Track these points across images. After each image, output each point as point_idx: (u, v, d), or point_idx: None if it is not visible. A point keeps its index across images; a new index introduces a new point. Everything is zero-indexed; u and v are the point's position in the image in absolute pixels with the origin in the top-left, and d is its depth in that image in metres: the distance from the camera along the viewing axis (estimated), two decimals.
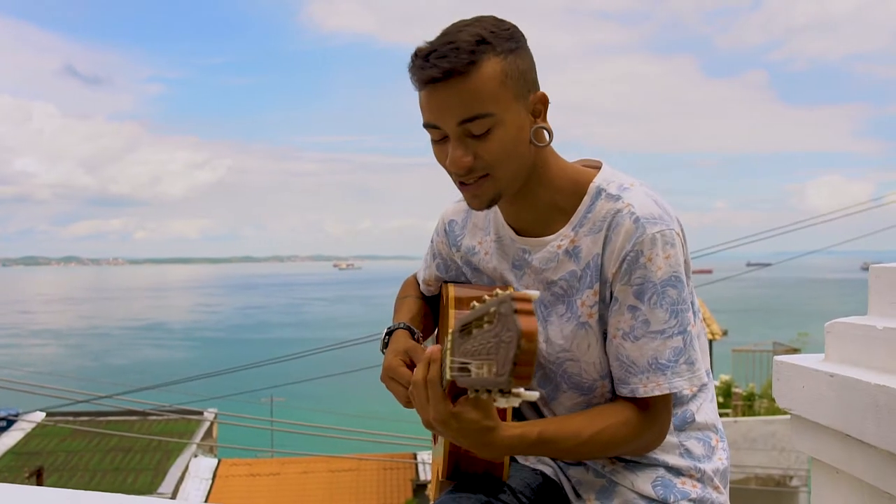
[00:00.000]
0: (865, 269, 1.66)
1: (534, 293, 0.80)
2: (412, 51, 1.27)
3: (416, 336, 1.51)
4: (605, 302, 1.35)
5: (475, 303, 0.94)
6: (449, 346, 1.00)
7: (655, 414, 1.33)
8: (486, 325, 0.86)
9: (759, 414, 13.53)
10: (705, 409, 1.45)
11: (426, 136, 1.31)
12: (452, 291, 1.44)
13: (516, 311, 0.78)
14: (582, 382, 1.39)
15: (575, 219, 1.37)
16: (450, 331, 1.02)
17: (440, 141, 1.30)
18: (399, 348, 1.44)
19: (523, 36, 1.30)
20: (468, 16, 1.30)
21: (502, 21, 1.28)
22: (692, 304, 1.36)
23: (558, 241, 1.38)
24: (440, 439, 1.49)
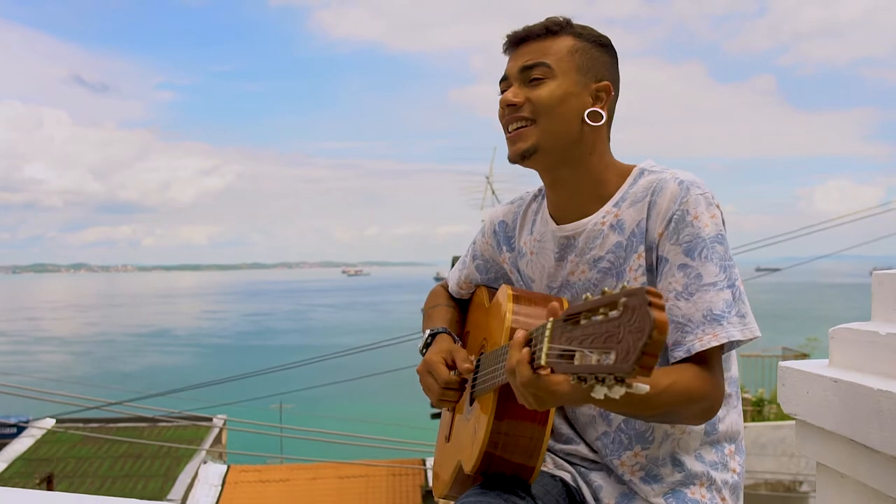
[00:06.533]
0: None
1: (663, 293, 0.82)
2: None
3: (456, 342, 1.55)
4: (652, 267, 1.36)
5: (588, 294, 0.96)
6: (548, 333, 1.01)
7: (712, 370, 1.31)
8: (601, 316, 0.88)
9: (768, 419, 13.45)
10: (728, 418, 1.44)
11: (434, 143, 1.42)
12: (509, 290, 1.44)
13: (650, 304, 0.81)
14: None
15: (617, 196, 1.42)
16: (550, 319, 1.02)
17: (503, 93, 1.42)
18: (443, 348, 1.49)
19: (614, 50, 1.44)
20: (474, 23, 1.42)
21: (599, 32, 1.43)
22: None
23: (601, 217, 1.41)
24: (459, 434, 1.49)
